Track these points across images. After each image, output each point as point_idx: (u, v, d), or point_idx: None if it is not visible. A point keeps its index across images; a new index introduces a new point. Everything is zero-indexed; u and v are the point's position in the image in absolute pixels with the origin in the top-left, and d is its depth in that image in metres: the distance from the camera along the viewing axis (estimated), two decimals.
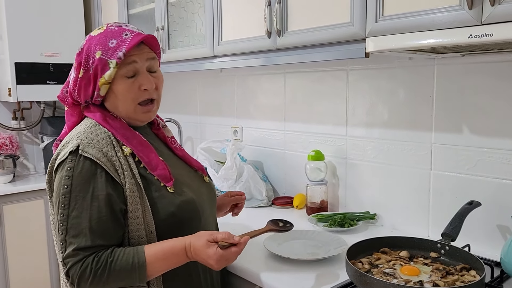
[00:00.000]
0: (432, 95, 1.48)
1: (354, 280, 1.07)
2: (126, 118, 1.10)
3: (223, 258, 0.99)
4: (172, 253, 1.00)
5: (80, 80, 1.05)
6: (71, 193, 0.96)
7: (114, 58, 1.02)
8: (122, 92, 1.05)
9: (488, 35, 0.99)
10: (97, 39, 1.04)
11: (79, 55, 1.06)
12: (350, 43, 1.33)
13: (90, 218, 0.97)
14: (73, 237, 0.96)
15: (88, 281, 0.96)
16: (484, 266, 1.06)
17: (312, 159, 1.80)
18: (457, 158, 1.44)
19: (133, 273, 0.98)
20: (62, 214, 0.96)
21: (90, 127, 1.05)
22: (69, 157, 0.98)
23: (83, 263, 0.96)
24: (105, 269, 0.96)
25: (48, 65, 2.61)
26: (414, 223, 1.57)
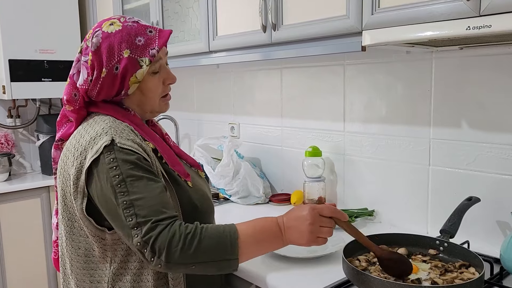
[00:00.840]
0: (430, 89, 1.46)
1: (351, 278, 1.05)
2: (148, 112, 1.11)
3: (318, 222, 0.95)
4: (262, 222, 0.98)
5: (103, 79, 1.01)
6: (125, 180, 0.93)
7: (146, 56, 1.01)
8: (151, 89, 1.06)
9: (486, 27, 0.96)
10: (120, 37, 1.01)
11: (97, 54, 1.00)
12: (346, 37, 1.30)
13: (153, 195, 0.93)
14: (146, 216, 0.90)
15: (178, 247, 0.88)
16: (483, 263, 1.04)
17: (309, 155, 1.78)
18: (456, 154, 1.41)
19: (225, 238, 0.91)
20: (125, 201, 0.91)
21: (111, 122, 1.01)
22: (105, 150, 0.94)
23: (169, 229, 0.89)
24: (196, 235, 0.90)
25: (43, 62, 2.59)
26: (412, 219, 1.55)
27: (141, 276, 1.01)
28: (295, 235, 0.97)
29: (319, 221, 0.97)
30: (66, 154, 1.03)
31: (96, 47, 1.01)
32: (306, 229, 0.96)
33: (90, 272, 1.03)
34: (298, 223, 0.97)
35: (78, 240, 1.04)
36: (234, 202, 1.95)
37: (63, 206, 1.05)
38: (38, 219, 2.57)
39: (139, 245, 0.89)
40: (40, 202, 2.58)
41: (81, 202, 0.98)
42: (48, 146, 2.69)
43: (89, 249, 1.03)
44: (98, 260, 1.03)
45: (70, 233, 1.05)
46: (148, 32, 1.04)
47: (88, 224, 0.99)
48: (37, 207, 2.58)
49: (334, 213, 0.99)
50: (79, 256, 1.04)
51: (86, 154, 0.97)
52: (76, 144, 1.01)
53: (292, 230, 0.97)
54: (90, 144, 0.98)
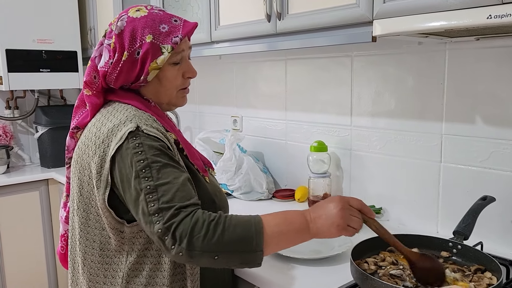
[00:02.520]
0: (443, 83, 1.39)
1: (359, 282, 0.99)
2: (164, 104, 1.09)
3: (348, 210, 0.92)
4: (288, 214, 0.93)
5: (123, 63, 1.00)
6: (151, 165, 0.90)
7: (168, 43, 1.00)
8: (169, 79, 1.05)
9: (509, 15, 0.89)
10: (144, 22, 1.00)
11: (120, 36, 0.99)
12: (355, 27, 1.23)
13: (177, 182, 0.90)
14: (169, 202, 0.86)
15: (201, 234, 0.83)
16: (500, 268, 0.98)
17: (314, 150, 1.71)
18: (469, 150, 1.35)
19: (250, 228, 0.86)
20: (148, 186, 0.88)
21: (134, 110, 0.99)
22: (130, 136, 0.92)
23: (192, 216, 0.85)
24: (220, 222, 0.85)
25: (41, 52, 2.52)
26: (422, 218, 1.49)
27: (157, 272, 0.98)
28: (324, 223, 0.92)
29: (348, 208, 0.93)
30: (85, 143, 1.01)
31: (120, 31, 1.00)
32: (337, 215, 0.91)
33: (105, 266, 1.00)
34: (327, 211, 0.93)
35: (94, 233, 1.01)
36: (236, 197, 1.89)
37: (79, 197, 1.02)
38: (37, 213, 2.53)
39: (160, 232, 0.84)
40: (39, 195, 2.54)
41: (104, 191, 0.94)
42: (47, 138, 2.64)
43: (104, 243, 1.00)
44: (114, 254, 0.99)
45: (85, 224, 1.02)
46: (173, 20, 1.03)
47: (108, 216, 0.96)
48: (36, 200, 2.53)
49: (363, 206, 0.96)
50: (94, 249, 1.01)
51: (110, 141, 0.94)
52: (97, 132, 0.98)
53: (322, 218, 0.92)
54: (113, 132, 0.95)
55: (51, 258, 2.59)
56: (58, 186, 2.57)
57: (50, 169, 2.64)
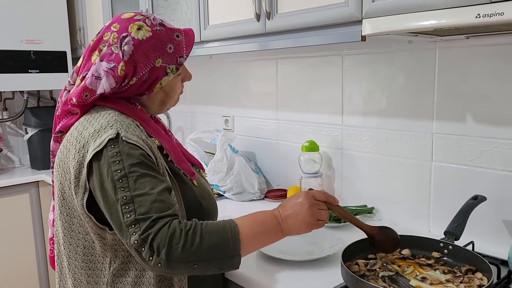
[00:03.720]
0: (433, 81, 1.38)
1: (349, 285, 0.98)
2: (164, 109, 1.10)
3: (315, 205, 0.96)
4: (259, 216, 0.95)
5: (130, 86, 0.99)
6: (128, 176, 0.88)
7: (173, 64, 1.01)
8: (175, 90, 1.07)
9: (498, 14, 0.88)
10: (152, 45, 0.98)
11: (129, 64, 0.96)
12: (345, 26, 1.22)
13: (155, 191, 0.88)
14: (146, 213, 0.85)
15: (179, 245, 0.82)
16: (491, 268, 0.97)
17: (306, 150, 1.70)
18: (460, 149, 1.34)
19: (226, 234, 0.87)
20: (124, 197, 0.86)
21: (116, 116, 0.97)
22: (109, 144, 0.90)
23: (169, 226, 0.84)
24: (196, 231, 0.85)
25: (29, 52, 2.49)
26: (414, 217, 1.48)
27: (143, 278, 0.96)
28: (295, 222, 0.95)
29: (316, 204, 0.97)
30: (67, 147, 0.98)
31: (129, 56, 0.96)
32: (306, 213, 0.95)
33: (88, 272, 0.98)
34: (296, 209, 0.95)
35: (77, 237, 0.99)
36: (228, 198, 1.88)
37: (61, 201, 1.00)
38: (28, 215, 2.51)
39: (136, 243, 0.83)
40: (29, 198, 2.51)
41: (82, 197, 0.92)
42: (36, 140, 2.61)
43: (88, 247, 0.98)
44: (97, 259, 0.98)
45: (68, 229, 1.00)
46: (175, 36, 1.03)
47: (89, 221, 0.94)
48: (26, 202, 2.51)
49: (327, 197, 1.00)
50: (77, 254, 0.99)
51: (89, 147, 0.92)
52: (78, 136, 0.96)
53: (291, 217, 0.95)
54: (93, 137, 0.93)
55: (42, 260, 2.57)
56: (49, 188, 2.54)
57: (41, 171, 2.62)
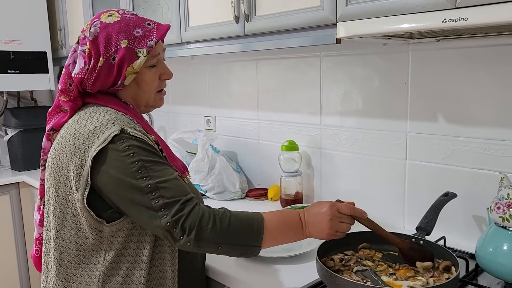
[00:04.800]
0: (407, 82, 1.43)
1: (324, 280, 1.02)
2: (142, 106, 1.11)
3: (337, 218, 1.01)
4: (287, 214, 1.03)
5: (99, 69, 1.01)
6: (145, 166, 0.93)
7: (144, 47, 1.01)
8: (147, 82, 1.07)
9: (462, 19, 0.93)
10: (118, 27, 1.01)
11: (95, 43, 1.00)
12: (320, 29, 1.25)
13: (174, 177, 0.96)
14: (173, 197, 0.92)
15: (209, 226, 0.91)
16: (458, 262, 1.02)
17: (286, 149, 1.74)
18: (432, 148, 1.39)
19: (253, 223, 0.95)
20: (149, 185, 0.92)
21: (115, 113, 1.01)
22: (116, 139, 0.94)
23: (199, 210, 0.92)
24: (226, 216, 0.94)
25: (9, 53, 2.47)
26: (389, 214, 1.53)
27: (134, 270, 0.99)
28: (315, 229, 1.02)
29: (338, 217, 1.02)
30: (62, 143, 1.01)
31: (94, 37, 1.01)
32: (326, 225, 1.01)
33: (82, 266, 1.00)
34: (318, 219, 1.01)
35: (70, 233, 1.01)
36: (210, 197, 1.90)
37: (55, 197, 1.02)
38: (8, 217, 2.48)
39: (169, 225, 0.90)
40: (9, 199, 2.49)
41: (83, 192, 0.95)
42: (17, 140, 2.59)
43: (81, 243, 1.00)
44: (91, 253, 1.00)
45: (61, 225, 1.02)
46: (146, 24, 1.05)
47: (87, 216, 0.97)
48: (6, 204, 2.48)
49: (353, 211, 1.04)
50: (70, 249, 1.01)
51: (91, 143, 0.95)
52: (76, 133, 0.99)
53: (313, 225, 1.02)
54: (95, 133, 0.96)
55: (23, 262, 2.55)
56: (30, 189, 2.52)
57: (21, 172, 2.59)
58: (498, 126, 1.25)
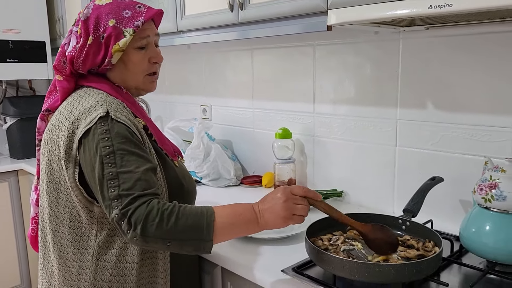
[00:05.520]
0: (397, 70, 1.46)
1: (313, 258, 1.05)
2: (133, 88, 1.13)
3: (291, 200, 0.99)
4: (239, 207, 1.00)
5: (88, 47, 1.04)
6: (115, 152, 0.94)
7: (130, 27, 1.04)
8: (135, 62, 1.08)
9: (447, 5, 0.96)
10: (108, 9, 1.05)
11: (86, 23, 1.04)
12: (312, 16, 1.28)
13: (140, 170, 0.94)
14: (129, 189, 0.92)
15: (155, 222, 0.89)
16: (441, 241, 1.05)
17: (279, 137, 1.77)
18: (421, 134, 1.43)
19: (202, 219, 0.92)
20: (111, 172, 0.92)
21: (105, 96, 1.03)
22: (99, 121, 0.96)
23: (148, 204, 0.90)
24: (173, 212, 0.91)
25: (8, 42, 2.49)
26: (380, 199, 1.57)
27: (127, 250, 1.02)
28: (270, 216, 0.99)
29: (292, 198, 0.99)
30: (56, 124, 1.05)
31: (85, 17, 1.05)
32: (281, 207, 0.98)
33: (74, 244, 1.03)
34: (272, 204, 0.99)
35: (63, 211, 1.04)
36: (205, 184, 1.94)
37: (49, 176, 1.05)
38: (7, 204, 2.52)
39: (117, 217, 0.90)
40: (8, 187, 2.52)
41: (74, 170, 0.99)
42: (16, 129, 2.61)
43: (74, 221, 1.03)
44: (84, 231, 1.03)
45: (55, 203, 1.05)
46: (137, 7, 1.08)
47: (78, 194, 1.00)
48: (5, 191, 2.52)
49: (307, 192, 1.02)
50: (64, 227, 1.04)
51: (79, 123, 0.98)
52: (68, 114, 1.02)
53: (268, 211, 0.99)
54: (83, 115, 0.99)
55: (22, 248, 2.59)
56: (28, 177, 2.55)
57: (20, 160, 2.63)
58: (484, 112, 1.28)
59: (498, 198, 1.04)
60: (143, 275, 1.03)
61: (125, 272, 1.01)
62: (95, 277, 1.01)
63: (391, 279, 0.93)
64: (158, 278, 1.05)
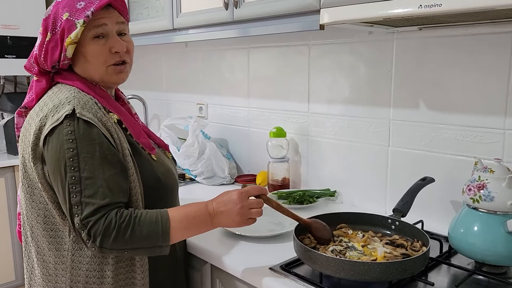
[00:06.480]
0: (391, 70, 1.46)
1: (300, 256, 1.06)
2: (99, 81, 1.09)
3: (247, 206, 1.01)
4: (193, 209, 1.01)
5: (47, 43, 1.04)
6: (79, 155, 0.93)
7: (81, 18, 1.01)
8: (92, 54, 1.04)
9: (437, 5, 0.96)
10: (64, 3, 1.04)
11: (46, 20, 1.05)
12: (305, 15, 1.29)
13: (104, 176, 0.94)
14: (90, 197, 0.93)
15: (112, 236, 0.92)
16: (429, 241, 1.05)
17: (273, 136, 1.77)
18: (413, 134, 1.43)
19: (157, 227, 0.95)
20: (73, 177, 0.92)
21: (76, 92, 1.02)
22: (66, 121, 0.95)
23: (105, 218, 0.92)
24: (129, 224, 0.93)
25: (6, 38, 2.50)
26: (372, 199, 1.57)
27: None
28: (225, 219, 1.02)
29: (248, 204, 1.02)
30: (29, 121, 1.05)
31: (47, 15, 1.06)
32: (237, 213, 1.01)
33: (49, 240, 1.04)
34: (228, 208, 1.01)
35: (38, 208, 1.04)
36: (199, 182, 1.94)
37: (23, 173, 1.06)
38: (3, 199, 2.52)
39: (78, 225, 0.93)
40: (4, 182, 2.52)
41: (42, 167, 0.99)
42: (13, 125, 2.61)
43: (49, 216, 1.03)
44: (58, 227, 1.03)
45: (30, 200, 1.05)
46: None
47: (48, 190, 1.00)
48: (1, 187, 2.52)
49: (261, 191, 1.06)
50: (39, 223, 1.05)
51: (46, 120, 0.98)
52: (39, 111, 1.02)
53: (223, 214, 1.01)
54: (51, 112, 0.98)
55: (17, 244, 2.59)
56: None
57: (17, 156, 2.59)
58: (476, 113, 1.29)
59: (486, 199, 1.04)
60: (120, 270, 1.03)
61: (102, 267, 1.01)
62: (71, 272, 1.02)
63: (376, 277, 0.93)
64: (136, 273, 1.05)
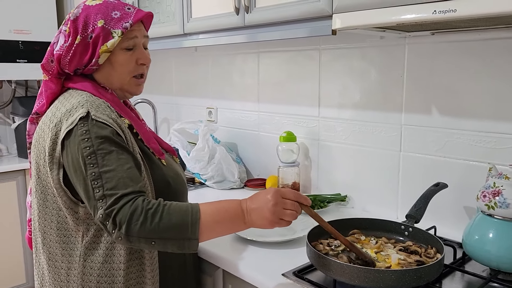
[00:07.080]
0: (403, 75, 1.46)
1: (313, 262, 1.05)
2: (118, 89, 1.12)
3: (281, 204, 0.95)
4: (226, 204, 0.97)
5: (76, 46, 1.05)
6: (96, 152, 0.94)
7: (118, 28, 1.04)
8: (121, 63, 1.08)
9: (452, 11, 0.96)
10: (97, 9, 1.05)
11: (75, 22, 1.05)
12: (317, 20, 1.29)
13: (123, 168, 0.94)
14: (113, 189, 0.91)
15: (139, 222, 0.88)
16: (443, 247, 1.04)
17: (284, 140, 1.77)
18: (426, 140, 1.42)
19: (186, 217, 0.91)
20: (93, 173, 0.93)
21: (88, 97, 1.03)
22: (80, 122, 0.96)
23: (132, 203, 0.90)
24: (158, 211, 0.90)
25: (18, 42, 2.52)
26: (384, 204, 1.56)
27: (114, 250, 1.02)
28: (258, 217, 0.96)
29: (282, 203, 0.96)
30: (42, 127, 1.06)
31: (75, 17, 1.06)
32: (269, 210, 0.95)
33: (62, 246, 1.04)
34: (261, 205, 0.96)
35: (51, 214, 1.05)
36: (209, 186, 1.94)
37: (37, 179, 1.06)
38: (14, 202, 2.54)
39: (102, 217, 0.91)
40: (16, 186, 2.54)
41: (58, 172, 0.99)
42: (24, 128, 2.63)
43: (61, 222, 1.04)
44: (71, 233, 1.04)
45: (43, 206, 1.06)
46: (126, 8, 1.08)
47: (63, 195, 1.01)
48: (12, 190, 2.54)
49: (298, 197, 0.98)
50: (52, 229, 1.05)
51: (61, 125, 0.99)
52: (52, 117, 1.03)
53: (256, 211, 0.96)
54: (65, 116, 1.00)
55: (27, 246, 2.60)
56: None
57: (27, 160, 2.64)
58: (490, 118, 1.28)
59: (501, 205, 1.03)
60: (131, 275, 1.03)
61: (113, 273, 1.02)
62: (83, 278, 1.02)
63: (391, 284, 0.93)
64: (146, 279, 1.05)
